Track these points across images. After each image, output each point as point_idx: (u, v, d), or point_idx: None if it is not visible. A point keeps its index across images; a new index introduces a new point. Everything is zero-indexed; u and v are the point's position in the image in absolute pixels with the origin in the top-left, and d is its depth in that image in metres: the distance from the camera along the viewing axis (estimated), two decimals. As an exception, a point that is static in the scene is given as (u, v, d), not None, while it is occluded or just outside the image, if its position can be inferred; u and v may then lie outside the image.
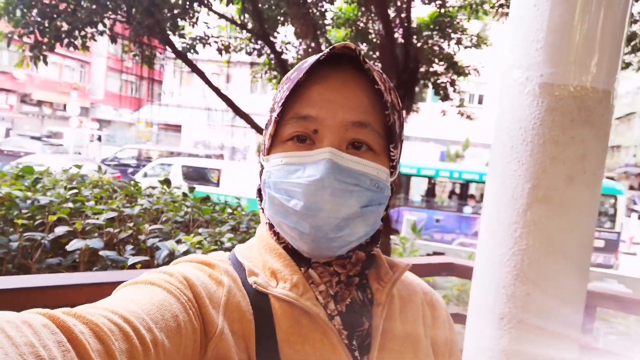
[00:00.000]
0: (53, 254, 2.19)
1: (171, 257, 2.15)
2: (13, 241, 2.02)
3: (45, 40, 5.12)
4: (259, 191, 0.76)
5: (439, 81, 7.94)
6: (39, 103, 27.09)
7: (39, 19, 4.95)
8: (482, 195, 13.34)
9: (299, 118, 0.65)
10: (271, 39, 6.15)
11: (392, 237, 7.50)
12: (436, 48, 7.37)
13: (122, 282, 0.60)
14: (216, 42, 6.21)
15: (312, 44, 5.83)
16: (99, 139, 23.03)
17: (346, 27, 7.04)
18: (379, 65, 5.68)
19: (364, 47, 7.14)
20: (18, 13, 5.04)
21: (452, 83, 7.98)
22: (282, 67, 5.56)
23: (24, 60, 5.18)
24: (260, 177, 0.72)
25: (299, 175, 0.63)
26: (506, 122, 1.49)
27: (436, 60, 7.52)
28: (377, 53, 6.58)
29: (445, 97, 8.10)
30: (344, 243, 0.66)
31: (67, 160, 13.93)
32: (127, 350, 0.45)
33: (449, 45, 7.32)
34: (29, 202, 2.25)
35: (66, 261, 2.16)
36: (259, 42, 6.08)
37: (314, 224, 0.63)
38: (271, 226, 0.71)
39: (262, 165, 0.71)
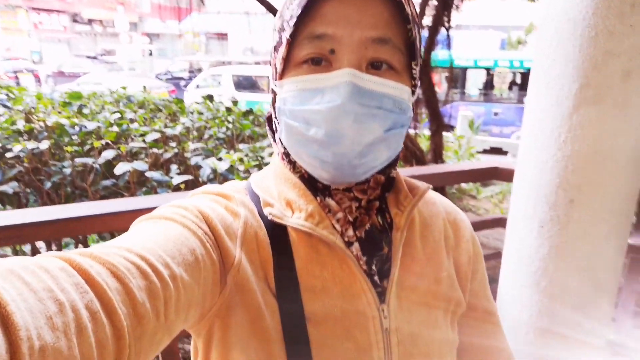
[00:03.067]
0: (106, 176, 2.31)
1: (215, 174, 2.21)
2: (66, 167, 2.13)
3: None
4: (269, 119, 0.72)
5: (497, -40, 7.15)
6: (90, 21, 27.41)
7: None
8: (545, 85, 12.51)
9: (313, 38, 0.59)
10: None
11: (446, 134, 7.31)
12: None
13: (157, 207, 0.60)
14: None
15: None
16: (150, 53, 23.24)
17: None
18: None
19: None
20: None
21: (512, -40, 7.16)
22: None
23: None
24: (273, 104, 0.68)
25: (317, 101, 0.59)
26: (553, 14, 1.32)
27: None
28: None
29: (505, -22, 7.32)
30: (368, 169, 0.63)
31: (122, 77, 14.31)
32: (145, 287, 0.45)
33: None
34: (77, 128, 2.34)
35: (119, 183, 2.28)
36: None
37: (337, 152, 0.59)
38: (285, 155, 0.68)
39: (273, 91, 0.66)
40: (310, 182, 0.66)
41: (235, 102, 3.64)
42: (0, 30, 23.39)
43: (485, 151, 9.45)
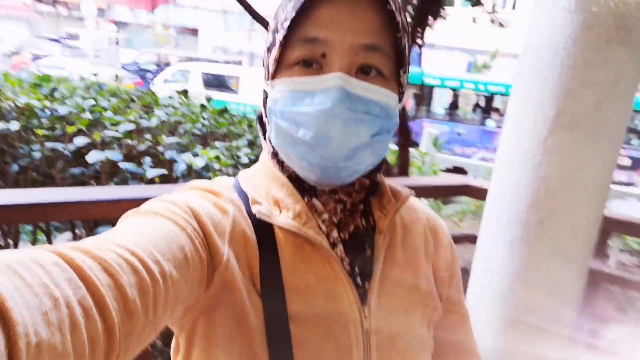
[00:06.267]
0: (75, 164, 2.24)
1: (189, 170, 2.18)
2: (35, 151, 2.06)
3: None
4: (260, 118, 0.74)
5: (470, -17, 7.37)
6: (54, 2, 26.35)
7: None
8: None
9: (306, 41, 0.61)
10: None
11: (411, 150, 7.45)
12: (471, -54, 6.74)
13: (141, 198, 0.60)
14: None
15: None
16: (117, 42, 22.57)
17: None
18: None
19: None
20: None
21: (485, -15, 7.39)
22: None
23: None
24: (264, 103, 0.69)
25: (307, 103, 0.60)
26: (535, 41, 1.39)
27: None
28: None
29: (477, 2, 7.57)
30: (353, 172, 0.65)
31: (87, 64, 13.85)
32: (136, 283, 0.46)
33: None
34: (47, 112, 2.26)
35: (88, 172, 2.21)
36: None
37: (324, 155, 0.61)
38: (274, 154, 0.70)
39: (265, 91, 0.68)
40: (297, 182, 0.68)
41: (209, 99, 3.61)
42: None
43: (447, 170, 9.70)
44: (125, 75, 13.77)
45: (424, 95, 12.27)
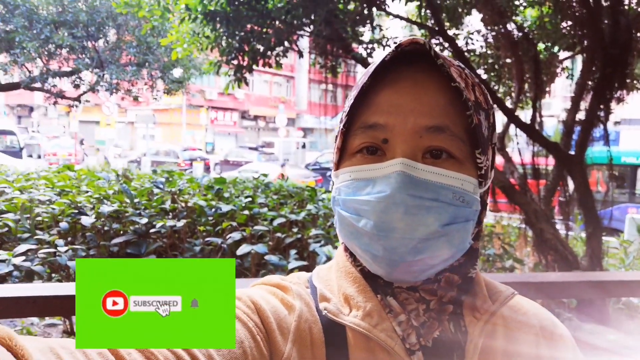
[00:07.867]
0: (232, 256, 2.45)
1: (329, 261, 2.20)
2: (197, 245, 2.32)
3: (245, 63, 5.80)
4: None
5: (668, 49, 6.49)
6: (255, 118, 31.37)
7: (238, 45, 5.63)
8: None
9: (366, 127, 0.59)
10: (455, 31, 5.86)
11: (609, 239, 6.41)
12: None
13: None
14: (395, 42, 6.20)
15: (502, 29, 5.38)
16: (304, 146, 25.29)
17: (542, 3, 6.26)
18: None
19: (565, 25, 6.28)
20: (224, 43, 5.83)
21: (688, 49, 6.43)
22: (461, 60, 5.26)
23: (229, 84, 5.95)
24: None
25: (368, 191, 0.57)
26: None
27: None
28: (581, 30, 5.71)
29: (677, 66, 6.57)
30: (426, 267, 0.58)
31: (277, 167, 15.69)
32: None
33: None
34: (213, 210, 2.56)
35: (243, 264, 2.39)
36: (439, 37, 5.86)
37: (388, 246, 0.56)
38: (347, 247, 0.66)
39: (333, 182, 0.66)
40: (371, 277, 0.62)
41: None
42: (185, 126, 27.80)
43: (661, 261, 8.04)
44: (309, 175, 15.14)
45: (623, 176, 10.73)
